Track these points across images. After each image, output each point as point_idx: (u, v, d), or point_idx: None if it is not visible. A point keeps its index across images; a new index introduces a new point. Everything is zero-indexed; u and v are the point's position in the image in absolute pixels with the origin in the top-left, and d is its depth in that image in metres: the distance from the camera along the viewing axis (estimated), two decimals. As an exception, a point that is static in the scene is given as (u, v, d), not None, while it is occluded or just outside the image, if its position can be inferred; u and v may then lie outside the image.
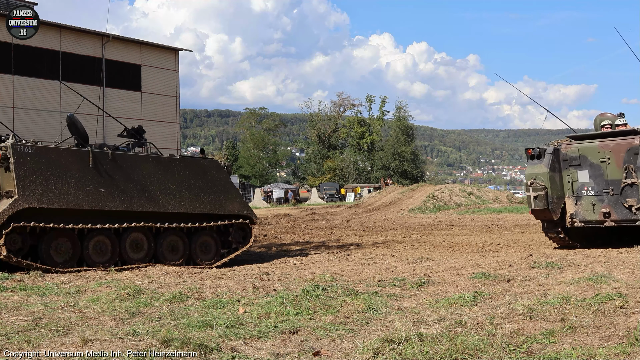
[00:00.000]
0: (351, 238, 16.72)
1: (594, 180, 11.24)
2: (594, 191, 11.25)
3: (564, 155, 11.55)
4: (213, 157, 33.46)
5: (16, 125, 23.82)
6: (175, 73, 37.27)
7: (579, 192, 11.40)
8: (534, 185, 11.34)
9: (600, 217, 11.18)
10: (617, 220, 11.05)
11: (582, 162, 11.38)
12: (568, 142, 11.76)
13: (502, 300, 5.99)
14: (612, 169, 11.03)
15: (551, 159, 11.42)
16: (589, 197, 11.31)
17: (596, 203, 11.25)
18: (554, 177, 11.40)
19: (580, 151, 11.40)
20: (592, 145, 11.32)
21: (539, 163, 11.53)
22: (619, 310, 5.27)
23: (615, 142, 11.10)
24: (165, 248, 10.15)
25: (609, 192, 11.06)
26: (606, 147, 11.13)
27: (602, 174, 11.16)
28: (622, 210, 10.97)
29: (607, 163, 11.07)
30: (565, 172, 11.51)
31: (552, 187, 11.33)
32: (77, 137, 9.83)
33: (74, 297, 6.67)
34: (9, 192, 8.78)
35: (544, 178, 11.34)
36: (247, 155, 77.96)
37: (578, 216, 11.43)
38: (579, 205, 11.42)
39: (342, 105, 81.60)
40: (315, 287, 6.48)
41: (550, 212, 11.38)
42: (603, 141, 11.24)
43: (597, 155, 11.20)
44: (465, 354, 4.00)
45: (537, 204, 11.29)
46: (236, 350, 4.31)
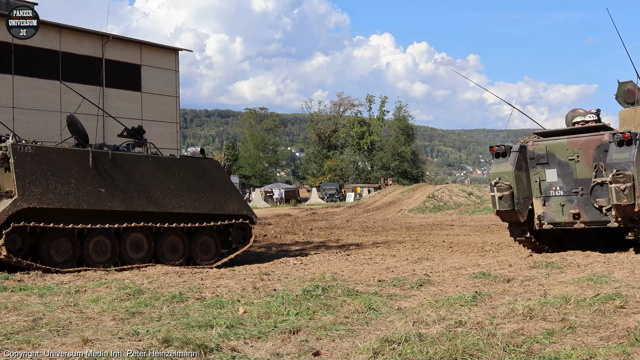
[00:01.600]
0: (351, 238, 16.72)
1: (563, 180, 10.62)
2: (562, 191, 10.63)
3: (531, 153, 10.90)
4: (213, 157, 33.46)
5: (16, 125, 23.82)
6: (175, 73, 37.27)
7: (547, 192, 10.78)
8: (499, 185, 10.66)
9: (569, 218, 10.55)
10: (588, 222, 10.42)
11: (549, 160, 10.74)
12: (535, 139, 11.11)
13: (502, 300, 5.99)
14: (582, 167, 10.40)
15: (517, 157, 10.75)
16: (557, 197, 10.68)
17: (565, 204, 10.61)
18: (520, 176, 10.75)
19: (548, 148, 10.75)
20: (560, 142, 10.67)
21: (505, 161, 10.84)
22: (619, 310, 5.28)
23: (584, 138, 10.44)
24: (165, 248, 10.15)
25: (578, 191, 10.43)
26: (575, 144, 10.48)
27: (571, 172, 10.53)
28: (593, 211, 10.34)
29: (576, 161, 10.44)
30: (533, 171, 10.88)
31: (519, 186, 10.67)
32: (77, 137, 9.83)
33: (74, 297, 6.67)
34: (9, 192, 8.78)
35: (509, 177, 10.66)
36: (247, 155, 77.98)
37: (546, 218, 10.80)
38: (547, 206, 10.80)
39: (342, 105, 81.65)
40: (315, 287, 6.48)
41: (516, 214, 10.72)
42: (572, 138, 10.60)
43: (566, 152, 10.57)
44: (465, 354, 4.00)
45: (502, 204, 10.62)
46: (236, 350, 4.31)
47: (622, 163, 9.64)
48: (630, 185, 9.47)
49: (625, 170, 9.56)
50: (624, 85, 11.64)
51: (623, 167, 9.59)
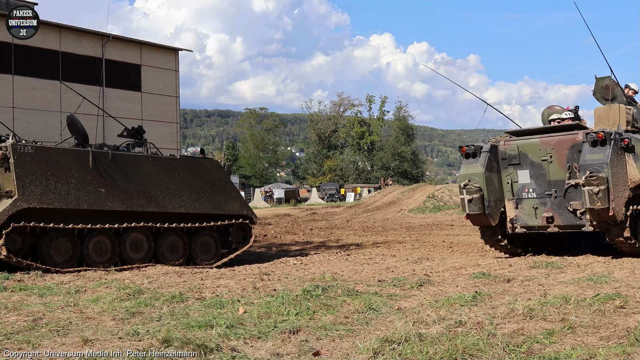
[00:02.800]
0: (351, 238, 16.72)
1: (536, 181, 10.09)
2: (535, 193, 10.10)
3: (502, 153, 10.38)
4: (213, 157, 33.45)
5: (16, 125, 23.81)
6: (175, 73, 37.28)
7: (520, 195, 10.26)
8: (468, 187, 10.15)
9: (542, 222, 10.03)
10: (562, 225, 9.89)
11: (522, 161, 10.20)
12: (507, 139, 10.57)
13: (502, 300, 5.99)
14: (555, 168, 9.87)
15: (488, 157, 10.23)
16: (530, 199, 10.16)
17: (538, 206, 10.09)
18: (491, 177, 10.23)
19: (520, 148, 10.21)
20: (532, 142, 10.14)
21: (474, 162, 10.31)
22: (619, 310, 5.28)
23: (557, 138, 9.90)
24: (165, 248, 10.14)
25: (551, 194, 9.91)
26: (548, 144, 9.93)
27: (544, 173, 9.99)
28: (567, 215, 9.81)
29: (549, 162, 9.89)
30: (505, 172, 10.35)
31: (489, 189, 10.16)
32: (77, 137, 9.83)
33: (74, 297, 6.67)
34: (9, 192, 8.78)
35: (479, 179, 10.14)
36: (247, 155, 77.95)
37: (519, 221, 10.29)
38: (520, 209, 10.28)
39: (342, 105, 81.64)
40: (315, 287, 6.48)
41: (487, 217, 10.20)
42: (544, 137, 10.05)
43: (538, 152, 10.02)
44: (465, 354, 4.00)
45: (472, 208, 10.13)
46: (236, 350, 4.31)
47: (595, 164, 9.10)
48: (604, 188, 8.95)
49: (599, 172, 9.03)
50: (602, 81, 11.10)
51: (597, 169, 9.06)
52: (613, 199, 8.97)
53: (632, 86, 11.27)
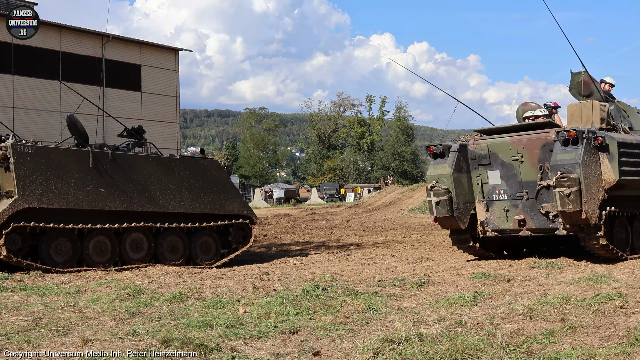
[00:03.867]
0: (351, 238, 16.72)
1: (507, 182, 9.58)
2: (506, 195, 9.59)
3: (472, 153, 9.84)
4: (213, 157, 33.44)
5: (16, 125, 23.79)
6: (175, 73, 37.25)
7: (490, 196, 9.75)
8: (436, 189, 9.64)
9: (514, 225, 9.55)
10: (534, 229, 9.43)
11: (492, 161, 9.67)
12: (477, 137, 10.03)
13: (502, 300, 5.99)
14: (526, 169, 9.37)
15: (456, 157, 9.72)
16: (501, 201, 9.66)
17: (509, 209, 9.60)
18: (460, 178, 9.73)
19: (490, 148, 9.68)
20: (502, 141, 9.61)
21: (443, 163, 9.80)
22: (619, 310, 5.28)
23: (528, 136, 9.39)
24: (165, 248, 10.15)
25: (523, 195, 9.41)
26: (518, 143, 9.42)
27: (515, 174, 9.49)
28: (539, 218, 9.33)
29: (520, 162, 9.39)
30: (474, 173, 9.83)
31: (458, 190, 9.65)
32: (77, 137, 9.84)
33: (74, 297, 6.67)
34: (9, 192, 8.78)
35: (447, 180, 9.63)
36: (247, 155, 77.92)
37: (490, 224, 9.81)
38: (491, 211, 9.79)
39: (342, 105, 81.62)
40: (315, 287, 6.48)
41: (456, 220, 9.69)
42: (515, 136, 9.53)
43: (509, 152, 9.51)
44: (465, 354, 4.00)
45: (440, 210, 9.61)
46: (236, 350, 4.31)
47: (567, 165, 8.60)
48: (576, 189, 8.44)
49: (570, 172, 8.53)
50: (577, 77, 10.55)
51: (568, 169, 8.56)
52: (586, 201, 8.51)
53: (608, 80, 10.92)
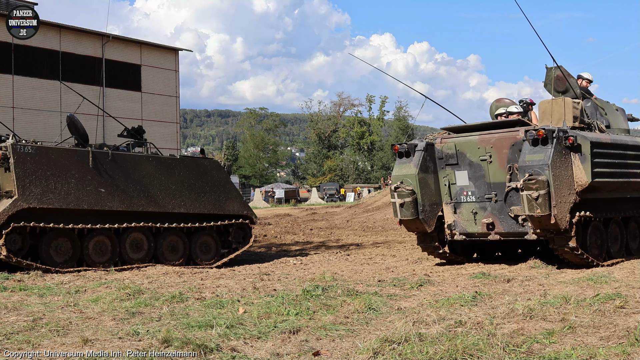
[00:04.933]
0: (351, 238, 16.71)
1: (475, 183, 9.08)
2: (474, 196, 9.10)
3: (439, 152, 9.35)
4: (213, 157, 33.42)
5: (16, 125, 23.79)
6: (175, 73, 37.25)
7: (458, 198, 9.26)
8: (400, 190, 9.15)
9: (482, 228, 9.04)
10: (503, 233, 8.93)
11: (460, 161, 9.19)
12: (444, 136, 9.55)
13: (502, 300, 5.99)
14: (495, 169, 8.87)
15: (422, 156, 9.23)
16: (469, 203, 9.17)
17: (478, 211, 9.09)
18: (426, 179, 9.24)
19: (458, 147, 9.19)
20: (470, 140, 9.12)
21: (408, 162, 9.31)
22: (619, 310, 5.28)
23: (497, 135, 8.90)
24: (165, 248, 10.15)
25: (491, 197, 8.92)
26: (487, 142, 8.92)
27: (484, 175, 8.99)
28: (508, 221, 8.84)
29: (488, 162, 8.90)
30: (442, 173, 9.35)
31: (424, 191, 9.16)
32: (77, 137, 9.84)
33: (74, 297, 6.68)
34: (9, 192, 8.78)
35: (412, 181, 9.14)
36: (247, 155, 77.92)
37: (457, 227, 9.32)
38: (459, 213, 9.29)
39: (342, 105, 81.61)
40: (315, 287, 6.48)
41: (422, 223, 9.21)
42: (484, 134, 9.04)
43: (477, 151, 9.01)
44: (465, 354, 4.00)
45: (404, 213, 9.13)
46: (236, 350, 4.31)
47: (535, 166, 8.13)
48: (544, 192, 7.97)
49: (538, 174, 8.05)
50: (552, 72, 10.01)
51: (537, 171, 8.08)
52: (555, 205, 8.02)
53: (585, 76, 10.56)
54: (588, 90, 10.42)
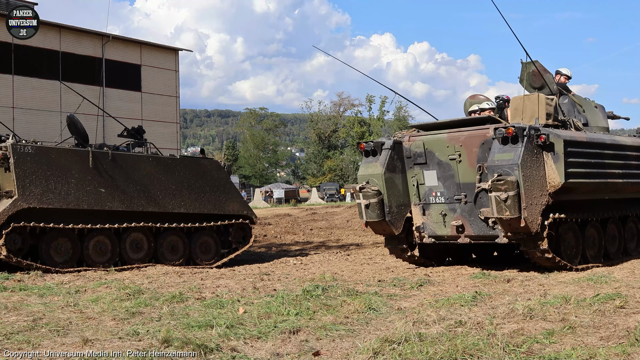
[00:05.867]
0: (351, 238, 16.71)
1: (444, 184, 8.66)
2: (443, 197, 8.67)
3: (407, 151, 8.90)
4: (213, 157, 33.42)
5: (16, 125, 23.78)
6: (175, 73, 37.25)
7: (427, 199, 8.84)
8: (365, 190, 8.74)
9: (452, 231, 8.63)
10: (473, 236, 8.52)
11: (428, 160, 8.74)
12: (413, 134, 9.09)
13: (502, 300, 5.99)
14: (464, 169, 8.45)
15: (389, 155, 8.80)
16: (438, 205, 8.74)
17: (447, 213, 8.67)
18: (393, 179, 8.81)
19: (426, 145, 8.74)
20: (439, 138, 8.67)
21: (374, 161, 8.88)
22: (619, 310, 5.28)
23: (467, 133, 8.44)
24: (165, 248, 10.15)
25: (461, 199, 8.51)
26: (456, 140, 8.48)
27: (453, 175, 8.56)
28: (478, 224, 8.41)
29: (457, 161, 8.48)
30: (410, 173, 8.91)
31: (390, 192, 8.72)
32: (77, 137, 9.85)
33: (74, 297, 6.68)
34: (9, 192, 8.79)
35: (378, 181, 8.71)
36: (247, 155, 77.94)
37: (426, 229, 8.90)
38: (428, 215, 8.87)
39: (342, 105, 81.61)
40: (315, 287, 6.48)
41: (389, 225, 8.79)
42: (453, 132, 8.59)
43: (446, 150, 8.57)
44: (465, 354, 4.00)
45: (370, 214, 8.72)
46: (236, 350, 4.31)
47: (504, 166, 7.72)
48: (513, 194, 7.56)
49: (508, 174, 7.65)
50: (528, 67, 9.62)
51: (506, 171, 7.68)
52: (525, 207, 7.61)
53: (563, 72, 10.19)
54: (566, 87, 10.05)
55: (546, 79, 9.49)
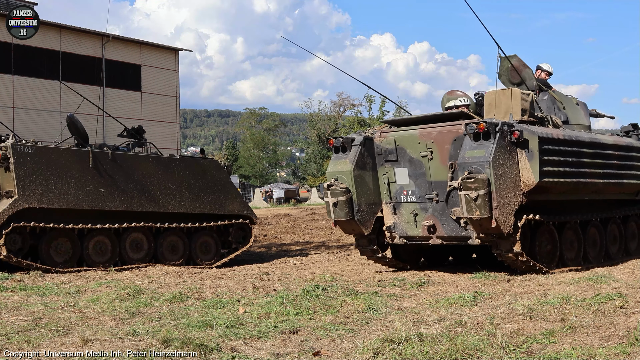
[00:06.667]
0: (351, 238, 16.64)
1: (415, 182, 8.31)
2: (415, 196, 8.31)
3: (378, 147, 8.56)
4: (213, 157, 33.41)
5: (16, 125, 23.78)
6: (175, 73, 37.25)
7: (398, 198, 8.47)
8: (333, 188, 8.42)
9: (424, 231, 8.27)
10: (445, 236, 8.17)
11: (399, 157, 8.38)
12: (384, 129, 8.76)
13: (502, 300, 5.99)
14: (436, 167, 8.09)
15: (359, 152, 8.46)
16: (409, 204, 8.38)
17: (418, 212, 8.31)
18: (363, 176, 8.47)
19: (397, 141, 8.39)
20: (410, 134, 8.32)
21: (343, 158, 8.55)
22: (619, 310, 5.27)
23: (439, 129, 8.09)
24: (165, 248, 10.15)
25: (433, 198, 8.15)
26: (428, 137, 8.13)
27: (424, 172, 8.21)
28: (450, 224, 8.05)
29: (429, 158, 8.11)
30: (381, 170, 8.58)
31: (359, 190, 8.40)
32: (77, 137, 9.85)
33: (74, 297, 6.68)
34: (9, 192, 8.79)
35: (347, 178, 8.38)
36: (247, 155, 77.96)
37: (398, 230, 8.54)
38: (399, 215, 8.51)
39: (342, 105, 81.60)
40: (315, 287, 6.48)
41: (358, 225, 8.47)
42: (425, 128, 8.23)
43: (417, 147, 8.21)
44: (465, 354, 4.00)
45: (338, 213, 8.40)
46: (236, 350, 4.31)
47: (475, 163, 7.39)
48: (484, 193, 7.21)
49: (478, 172, 7.32)
50: (507, 62, 9.31)
51: (477, 169, 7.35)
52: (497, 207, 7.29)
53: (544, 67, 9.85)
54: (546, 83, 9.72)
55: (525, 75, 9.21)
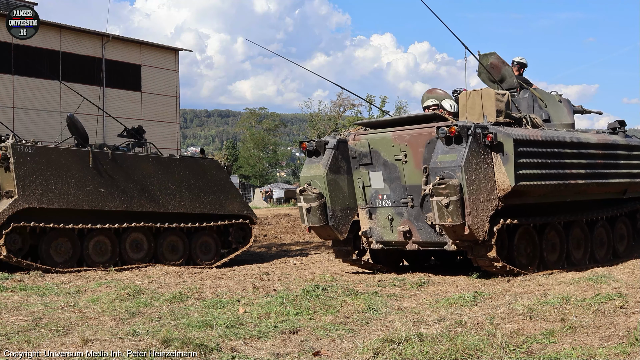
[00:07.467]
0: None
1: (390, 186, 8.09)
2: (390, 201, 8.10)
3: (352, 151, 8.35)
4: (213, 157, 33.42)
5: (16, 125, 23.78)
6: (175, 73, 37.23)
7: (373, 202, 8.28)
8: (306, 193, 8.22)
9: (399, 237, 8.05)
10: (421, 242, 7.95)
11: (374, 160, 8.16)
12: (358, 132, 8.56)
13: (502, 300, 5.99)
14: (411, 170, 7.86)
15: (333, 155, 8.24)
16: (385, 208, 8.17)
17: (394, 217, 8.11)
18: (337, 180, 8.26)
19: (371, 144, 8.16)
20: (384, 137, 8.07)
21: (317, 162, 8.35)
22: (619, 310, 5.27)
23: (412, 132, 7.83)
24: (165, 248, 10.15)
25: (408, 202, 7.93)
26: (402, 139, 7.88)
27: (399, 176, 7.99)
28: (426, 229, 7.82)
29: (403, 162, 7.88)
30: (356, 174, 8.38)
31: (333, 195, 8.17)
32: (77, 137, 9.85)
33: (74, 297, 6.68)
34: (9, 192, 8.79)
35: (320, 183, 8.17)
36: (247, 155, 77.95)
37: (374, 235, 8.34)
38: (375, 219, 8.31)
39: (342, 105, 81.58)
40: (315, 287, 6.48)
41: (332, 230, 8.25)
42: (399, 131, 7.98)
43: (392, 150, 7.98)
44: (465, 354, 4.00)
45: (312, 219, 8.18)
46: (236, 350, 4.31)
47: (447, 168, 7.15)
48: (455, 199, 6.99)
49: (450, 177, 7.08)
50: (486, 59, 9.02)
51: (448, 174, 7.12)
52: (470, 213, 7.05)
53: (517, 60, 9.53)
54: (526, 79, 9.39)
55: (505, 72, 8.95)
